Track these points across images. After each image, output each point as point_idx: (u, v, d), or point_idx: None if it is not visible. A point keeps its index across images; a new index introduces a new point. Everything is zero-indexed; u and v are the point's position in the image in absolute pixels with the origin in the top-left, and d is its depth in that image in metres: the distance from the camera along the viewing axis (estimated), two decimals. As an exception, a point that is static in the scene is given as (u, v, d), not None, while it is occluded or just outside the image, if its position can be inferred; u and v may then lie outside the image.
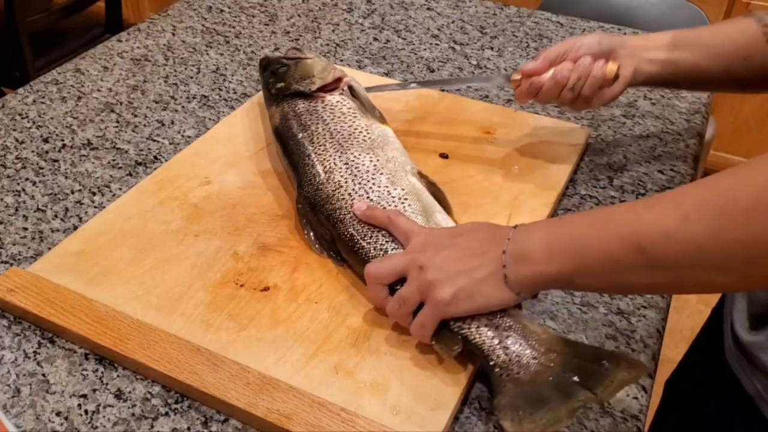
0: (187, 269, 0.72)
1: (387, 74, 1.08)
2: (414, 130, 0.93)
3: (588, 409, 0.62)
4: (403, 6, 1.30)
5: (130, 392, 0.63)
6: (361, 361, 0.63)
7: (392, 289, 0.65)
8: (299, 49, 0.94)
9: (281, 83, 0.87)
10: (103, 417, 0.61)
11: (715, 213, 0.48)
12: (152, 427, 0.60)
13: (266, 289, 0.70)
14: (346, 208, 0.72)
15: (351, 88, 0.86)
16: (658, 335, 0.70)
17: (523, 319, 0.61)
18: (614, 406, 0.63)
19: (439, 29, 1.22)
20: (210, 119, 0.98)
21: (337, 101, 0.83)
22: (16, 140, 0.93)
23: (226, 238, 0.76)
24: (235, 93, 1.04)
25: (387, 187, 0.73)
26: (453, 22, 1.25)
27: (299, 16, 1.26)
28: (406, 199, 0.72)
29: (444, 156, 0.88)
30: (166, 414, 0.61)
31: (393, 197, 0.72)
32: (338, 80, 0.87)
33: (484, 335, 0.60)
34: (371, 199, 0.72)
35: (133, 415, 0.61)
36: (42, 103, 1.00)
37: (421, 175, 0.77)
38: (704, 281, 0.51)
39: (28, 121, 0.96)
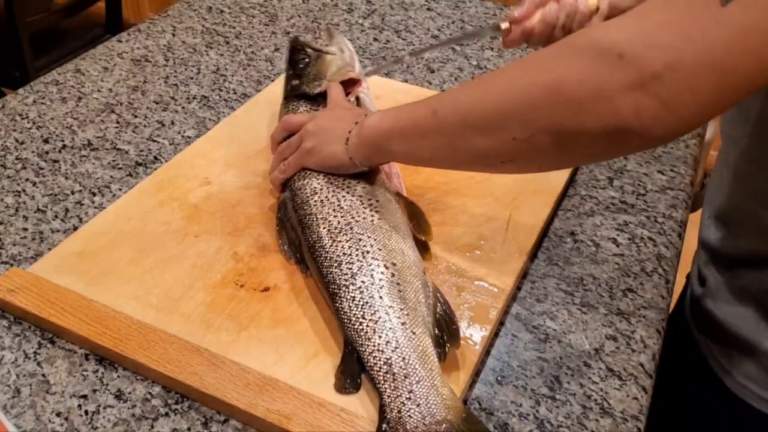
0: (187, 270, 0.72)
1: (387, 74, 1.08)
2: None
3: (588, 409, 0.62)
4: (403, 6, 1.30)
5: (130, 393, 0.63)
6: (361, 361, 0.63)
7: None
8: (332, 33, 0.91)
9: (296, 80, 0.87)
10: (104, 417, 0.61)
11: (486, 85, 0.58)
12: (152, 427, 0.60)
13: (266, 289, 0.70)
14: (316, 214, 0.70)
15: (358, 100, 0.85)
16: (658, 335, 0.70)
17: (437, 378, 0.58)
18: (614, 406, 0.63)
19: (439, 30, 1.22)
20: (210, 120, 0.98)
21: None
22: (17, 141, 0.93)
23: (226, 238, 0.76)
24: (235, 93, 1.04)
25: (360, 196, 0.71)
26: (453, 22, 1.25)
27: (299, 16, 1.26)
28: (378, 210, 0.70)
29: (444, 156, 0.88)
30: (166, 414, 0.61)
31: (363, 206, 0.70)
32: (351, 84, 0.86)
33: (389, 386, 0.58)
34: (342, 207, 0.70)
35: (133, 415, 0.61)
36: (42, 103, 1.00)
37: (400, 196, 0.75)
38: (470, 145, 0.58)
39: (29, 122, 0.96)
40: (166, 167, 0.86)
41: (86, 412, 0.61)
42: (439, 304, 0.64)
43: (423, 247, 0.72)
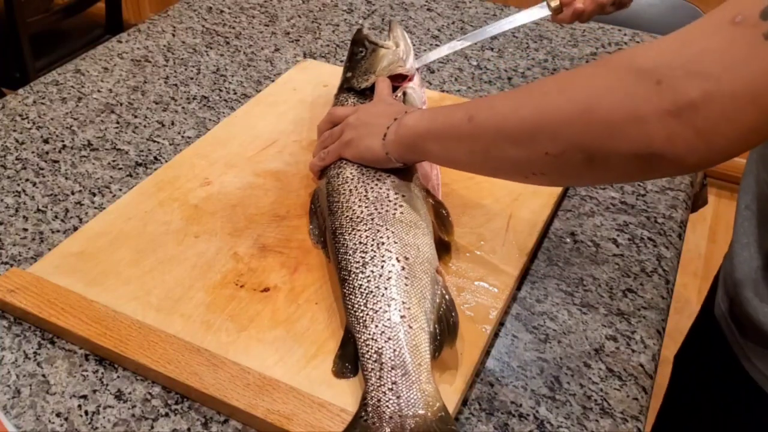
0: (187, 270, 0.72)
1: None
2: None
3: (588, 409, 0.62)
4: (403, 7, 1.30)
5: (130, 393, 0.63)
6: (361, 361, 0.63)
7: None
8: (393, 27, 0.92)
9: (349, 73, 0.89)
10: (104, 418, 0.61)
11: (523, 96, 0.58)
12: (152, 427, 0.60)
13: (266, 289, 0.70)
14: (343, 202, 0.72)
15: (405, 95, 0.86)
16: (658, 336, 0.70)
17: (424, 374, 0.58)
18: (614, 406, 0.63)
19: (439, 30, 1.22)
20: (210, 120, 0.98)
21: None
22: (17, 141, 0.93)
23: (226, 239, 0.76)
24: (235, 94, 1.04)
25: (388, 189, 0.73)
26: (453, 23, 1.25)
27: (299, 16, 1.26)
28: (401, 205, 0.71)
29: (444, 157, 0.88)
30: (167, 415, 0.61)
31: (389, 198, 0.72)
32: (401, 79, 0.87)
33: (375, 375, 0.58)
34: (368, 198, 0.72)
35: (133, 415, 0.61)
36: (42, 103, 1.00)
37: (429, 194, 0.75)
38: (503, 154, 0.59)
39: (29, 122, 0.96)
40: (166, 167, 0.86)
41: (86, 413, 0.61)
42: (444, 303, 0.64)
43: (444, 248, 0.72)
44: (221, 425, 0.60)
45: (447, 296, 0.65)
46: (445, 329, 0.62)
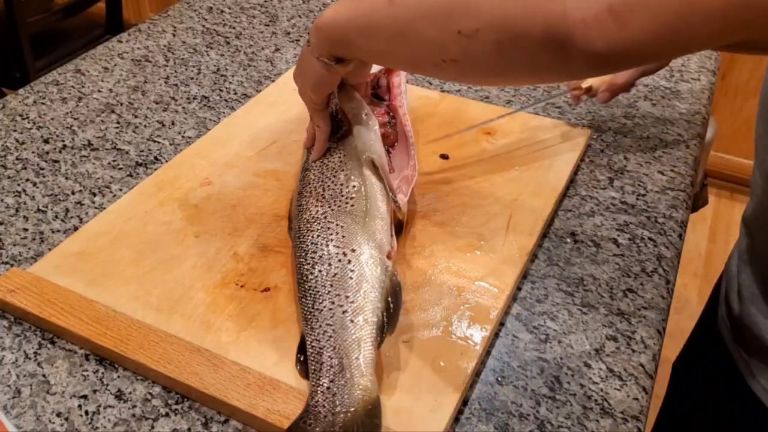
0: (187, 270, 0.72)
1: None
2: (414, 131, 0.93)
3: (588, 409, 0.62)
4: (403, 7, 1.30)
5: (130, 393, 0.63)
6: (361, 361, 0.63)
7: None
8: None
9: None
10: (104, 418, 0.61)
11: None
12: (153, 427, 0.60)
13: (267, 289, 0.70)
14: (303, 205, 0.72)
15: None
16: (659, 336, 0.70)
17: (362, 367, 0.58)
18: (615, 407, 0.63)
19: (439, 30, 1.22)
20: (210, 120, 0.98)
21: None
22: (17, 141, 0.93)
23: (227, 238, 0.76)
24: (235, 94, 1.04)
25: (342, 184, 0.72)
26: (453, 22, 1.25)
27: (300, 16, 1.26)
28: (352, 197, 0.71)
29: (444, 157, 0.88)
30: (167, 415, 0.61)
31: (342, 193, 0.71)
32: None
33: (315, 375, 0.58)
34: (324, 197, 0.71)
35: (133, 415, 0.61)
36: (42, 103, 1.00)
37: (374, 165, 0.74)
38: (419, 35, 0.57)
39: (29, 122, 0.96)
40: (166, 167, 0.86)
41: (86, 413, 0.61)
42: (392, 289, 0.64)
43: (397, 227, 0.72)
44: (221, 425, 0.60)
45: (397, 283, 0.64)
46: (390, 317, 0.62)
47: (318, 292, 0.64)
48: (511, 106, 1.01)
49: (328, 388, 0.57)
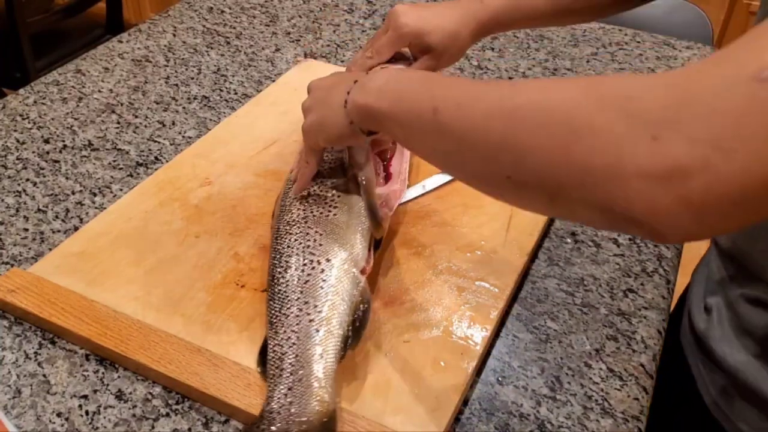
0: (187, 270, 0.72)
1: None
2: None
3: (589, 409, 0.62)
4: (403, 7, 1.30)
5: (130, 393, 0.63)
6: (362, 361, 0.63)
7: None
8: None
9: None
10: (104, 418, 0.61)
11: (495, 103, 0.49)
12: (153, 427, 0.60)
13: (267, 290, 0.70)
14: (286, 205, 0.71)
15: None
16: (659, 336, 0.70)
17: (323, 380, 0.57)
18: (615, 406, 0.63)
19: (439, 30, 1.22)
20: (211, 120, 0.98)
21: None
22: (17, 141, 0.93)
23: (227, 238, 0.76)
24: (235, 94, 1.04)
25: (326, 191, 0.71)
26: (454, 22, 1.25)
27: (300, 16, 1.26)
28: (336, 206, 0.69)
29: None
30: (167, 415, 0.61)
31: (326, 200, 0.70)
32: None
33: (274, 380, 0.58)
34: (307, 200, 0.70)
35: (133, 415, 0.61)
36: (43, 103, 1.00)
37: (361, 181, 0.72)
38: (464, 162, 0.51)
39: (29, 122, 0.96)
40: (166, 167, 0.86)
41: (87, 413, 0.61)
42: (362, 305, 0.63)
43: (376, 242, 0.71)
44: (222, 425, 0.60)
45: (367, 297, 0.64)
46: (356, 331, 0.61)
47: (287, 297, 0.63)
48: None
49: (285, 395, 0.56)
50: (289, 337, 0.60)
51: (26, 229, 0.79)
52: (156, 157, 0.90)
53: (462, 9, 0.79)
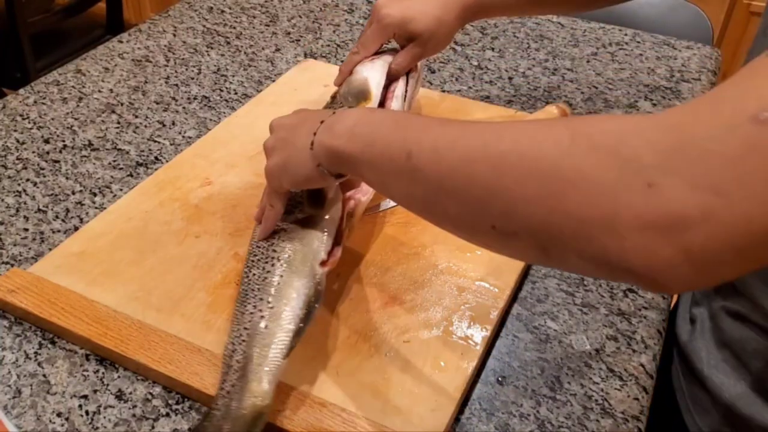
0: (188, 270, 0.72)
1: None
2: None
3: (589, 409, 0.62)
4: (403, 7, 1.30)
5: (131, 393, 0.63)
6: (362, 362, 0.63)
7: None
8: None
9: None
10: (104, 418, 0.61)
11: (476, 149, 0.46)
12: (153, 427, 0.60)
13: (267, 289, 0.70)
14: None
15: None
16: (659, 336, 0.70)
17: (263, 374, 0.56)
18: (615, 407, 0.63)
19: (439, 30, 1.22)
20: (211, 120, 0.98)
21: None
22: (17, 141, 0.93)
23: (227, 238, 0.76)
24: (236, 94, 1.04)
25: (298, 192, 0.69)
26: (454, 22, 1.25)
27: (300, 16, 1.26)
28: (301, 202, 0.68)
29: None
30: (167, 415, 0.61)
31: (296, 198, 0.68)
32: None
33: (222, 376, 0.58)
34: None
35: (134, 415, 0.61)
36: (43, 103, 1.00)
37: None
38: (444, 210, 0.48)
39: (29, 122, 0.96)
40: (166, 167, 0.86)
41: (87, 413, 0.61)
42: (315, 299, 0.62)
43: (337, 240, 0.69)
44: (222, 425, 0.60)
45: (319, 287, 0.62)
46: (304, 322, 0.60)
47: (247, 295, 0.62)
48: (511, 107, 1.01)
49: (228, 392, 0.56)
50: (240, 335, 0.59)
51: (26, 229, 0.79)
52: (156, 157, 0.90)
53: None
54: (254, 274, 0.63)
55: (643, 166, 0.37)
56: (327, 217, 0.67)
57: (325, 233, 0.66)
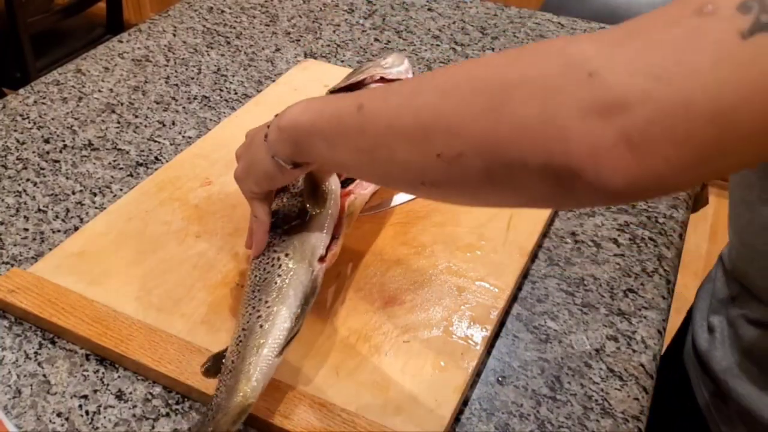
0: (188, 270, 0.72)
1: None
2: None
3: (589, 409, 0.62)
4: (404, 7, 1.30)
5: (131, 393, 0.63)
6: (361, 361, 0.63)
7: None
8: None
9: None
10: (104, 418, 0.61)
11: (425, 82, 0.47)
12: (153, 427, 0.60)
13: (267, 289, 0.70)
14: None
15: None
16: (659, 336, 0.70)
17: (253, 374, 0.56)
18: (615, 407, 0.63)
19: (440, 30, 1.22)
20: (211, 120, 0.98)
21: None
22: (17, 141, 0.93)
23: (227, 238, 0.76)
24: (236, 94, 1.04)
25: (295, 193, 0.69)
26: (454, 22, 1.25)
27: (300, 16, 1.26)
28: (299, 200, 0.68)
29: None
30: (167, 415, 0.61)
31: (297, 200, 0.69)
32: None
33: (219, 377, 0.58)
34: (283, 201, 0.69)
35: (134, 415, 0.61)
36: (43, 103, 1.00)
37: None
38: (391, 156, 0.48)
39: (29, 122, 0.96)
40: (166, 167, 0.86)
41: (87, 413, 0.61)
42: (311, 293, 0.62)
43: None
44: (222, 425, 0.60)
45: (315, 283, 0.62)
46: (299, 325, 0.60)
47: (247, 296, 0.62)
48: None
49: (221, 390, 0.56)
50: (239, 335, 0.59)
51: (26, 229, 0.79)
52: (156, 157, 0.90)
53: None
54: (256, 276, 0.63)
55: (586, 58, 0.37)
56: (326, 213, 0.67)
57: (324, 230, 0.66)
